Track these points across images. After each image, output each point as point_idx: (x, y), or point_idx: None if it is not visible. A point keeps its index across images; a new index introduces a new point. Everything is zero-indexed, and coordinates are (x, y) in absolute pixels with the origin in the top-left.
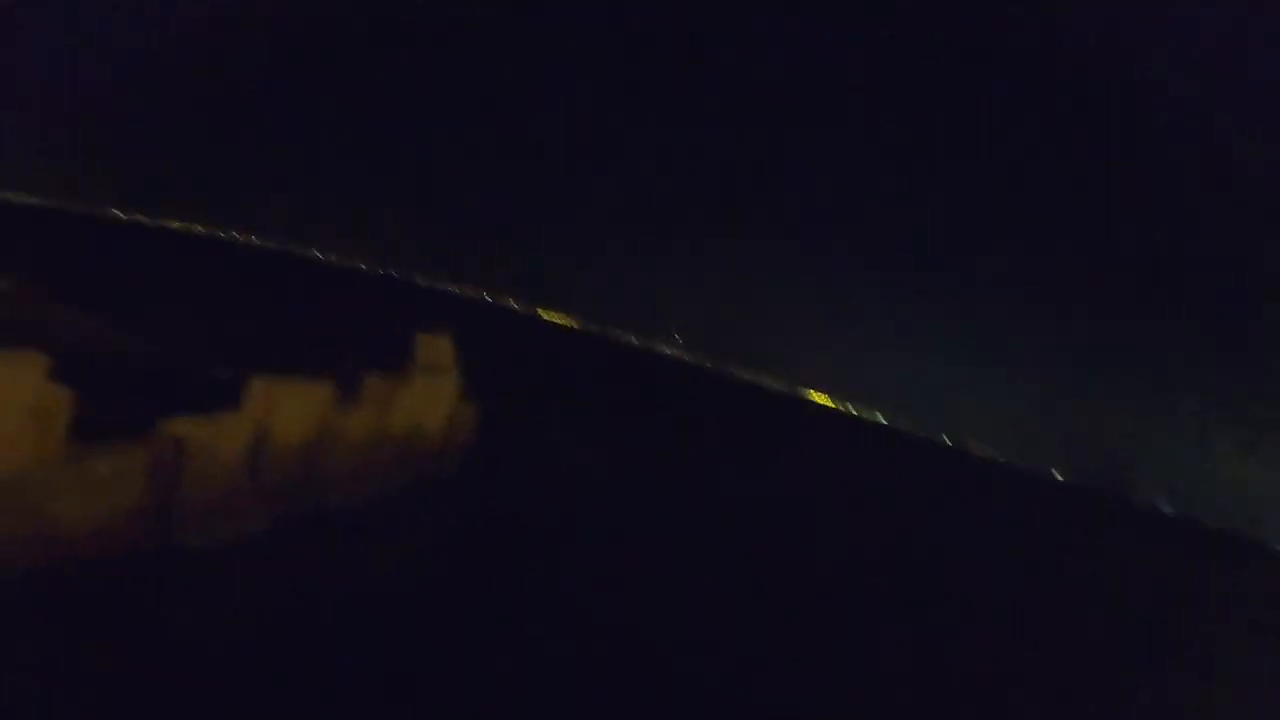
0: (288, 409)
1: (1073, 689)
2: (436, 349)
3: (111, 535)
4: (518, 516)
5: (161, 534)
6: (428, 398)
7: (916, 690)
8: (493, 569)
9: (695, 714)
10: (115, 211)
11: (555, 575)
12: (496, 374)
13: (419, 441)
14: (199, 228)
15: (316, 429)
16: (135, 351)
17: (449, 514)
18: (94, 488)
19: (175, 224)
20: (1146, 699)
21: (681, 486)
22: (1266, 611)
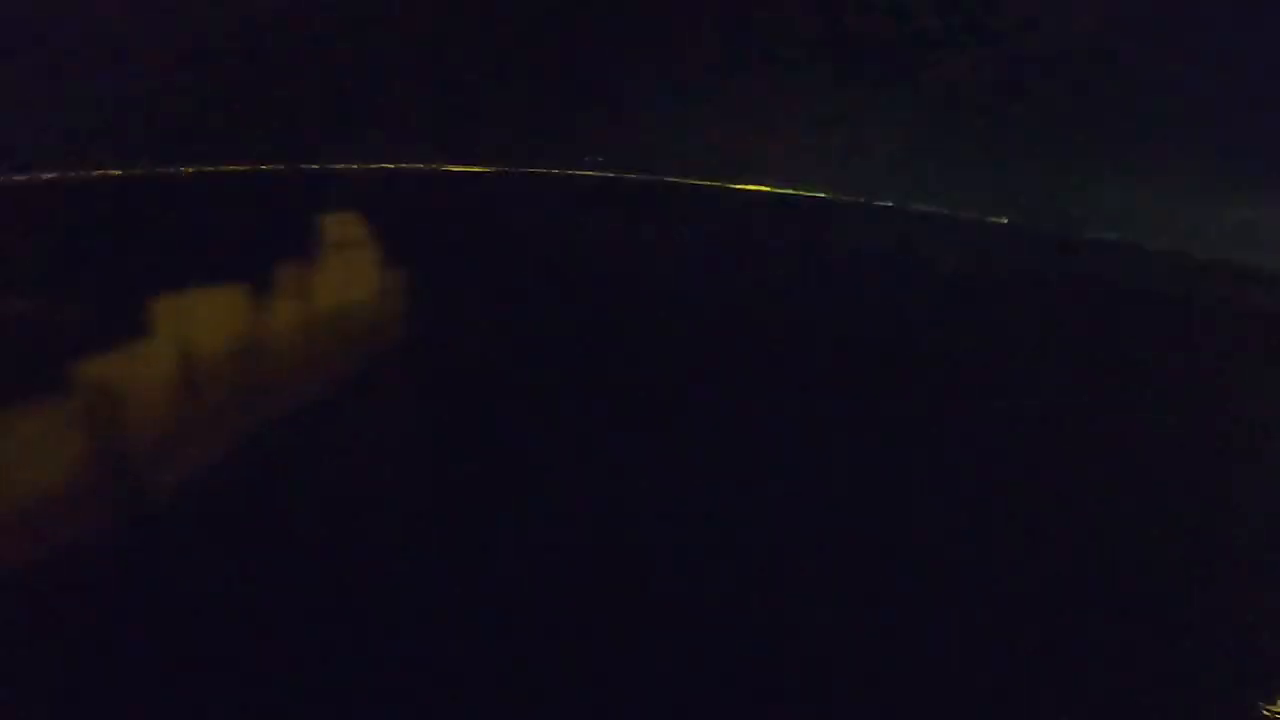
0: (206, 320)
1: (1050, 414)
2: (343, 226)
3: (74, 492)
4: (473, 370)
5: (126, 478)
6: (345, 275)
7: (879, 434)
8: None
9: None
10: None
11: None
12: (412, 237)
13: (350, 321)
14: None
15: (242, 332)
16: (31, 304)
17: (402, 397)
18: (29, 449)
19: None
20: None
21: (632, 296)
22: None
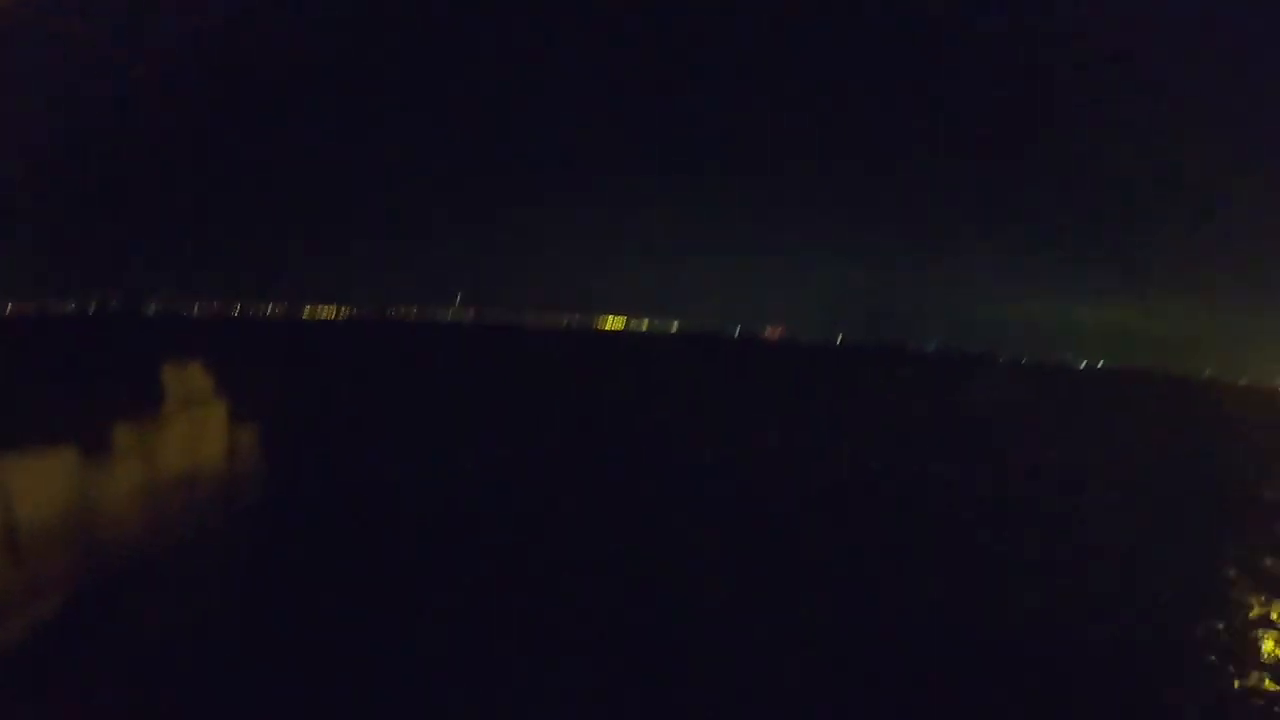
0: (28, 486)
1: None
2: (188, 378)
3: None
4: (332, 512)
5: None
6: (193, 432)
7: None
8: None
9: None
10: None
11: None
12: (272, 385)
13: (202, 479)
14: None
15: (73, 498)
16: None
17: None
18: None
19: None
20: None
21: (491, 444)
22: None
